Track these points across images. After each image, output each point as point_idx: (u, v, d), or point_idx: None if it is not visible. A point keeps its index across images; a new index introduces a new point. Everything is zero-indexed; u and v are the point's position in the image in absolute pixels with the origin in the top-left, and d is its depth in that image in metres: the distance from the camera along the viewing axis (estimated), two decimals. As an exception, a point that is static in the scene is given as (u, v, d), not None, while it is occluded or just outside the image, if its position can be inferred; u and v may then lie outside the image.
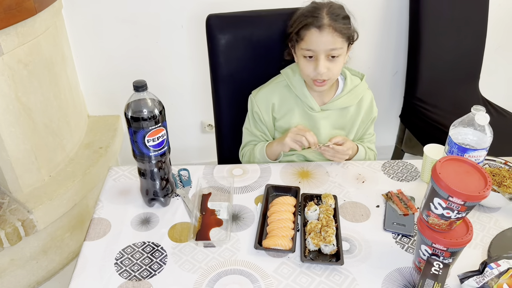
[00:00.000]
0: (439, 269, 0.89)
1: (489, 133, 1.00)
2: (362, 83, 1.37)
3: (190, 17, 1.95)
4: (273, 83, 1.38)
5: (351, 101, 1.36)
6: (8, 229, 1.59)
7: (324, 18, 1.21)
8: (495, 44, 2.23)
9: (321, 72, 1.23)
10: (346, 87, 1.35)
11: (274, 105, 1.36)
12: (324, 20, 1.20)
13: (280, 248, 1.00)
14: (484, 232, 1.08)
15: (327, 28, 1.20)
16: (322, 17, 1.21)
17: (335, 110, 1.35)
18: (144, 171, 1.08)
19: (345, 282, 0.95)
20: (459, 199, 0.83)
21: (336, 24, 1.20)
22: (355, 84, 1.36)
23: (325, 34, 1.20)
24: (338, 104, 1.34)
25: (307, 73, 1.27)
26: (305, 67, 1.26)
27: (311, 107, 1.34)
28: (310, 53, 1.23)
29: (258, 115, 1.38)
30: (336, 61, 1.24)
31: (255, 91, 1.39)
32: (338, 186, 1.22)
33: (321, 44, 1.21)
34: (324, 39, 1.20)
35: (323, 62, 1.22)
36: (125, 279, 0.95)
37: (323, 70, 1.22)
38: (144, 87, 0.98)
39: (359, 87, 1.36)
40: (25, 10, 1.45)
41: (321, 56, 1.22)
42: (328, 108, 1.35)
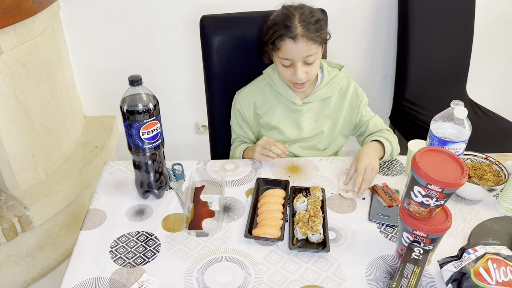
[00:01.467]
0: (419, 255, 0.93)
1: (467, 127, 1.05)
2: (341, 73, 1.42)
3: (185, 19, 2.00)
4: (255, 82, 1.44)
5: (331, 91, 1.40)
6: (5, 225, 1.62)
7: (297, 27, 1.24)
8: (482, 48, 2.29)
9: (300, 78, 1.29)
10: (324, 78, 1.40)
11: (256, 102, 1.42)
12: (297, 30, 1.24)
13: (269, 236, 1.05)
14: (465, 223, 1.13)
15: (300, 38, 1.24)
16: (294, 26, 1.24)
17: (317, 102, 1.40)
18: (139, 163, 1.13)
19: (330, 268, 0.99)
20: (437, 187, 0.87)
21: (309, 33, 1.24)
22: (333, 75, 1.41)
23: (299, 43, 1.24)
24: (319, 95, 1.39)
25: (286, 78, 1.33)
26: (283, 73, 1.32)
27: (293, 102, 1.39)
28: (287, 62, 1.29)
29: (240, 113, 1.44)
30: (312, 64, 1.30)
31: (239, 90, 1.46)
32: (327, 180, 1.26)
33: (297, 53, 1.26)
34: (298, 49, 1.25)
35: (301, 68, 1.28)
36: (119, 266, 0.99)
37: (301, 75, 1.28)
38: (139, 81, 1.03)
39: (338, 77, 1.41)
40: (24, 11, 1.49)
41: (298, 63, 1.27)
42: (309, 100, 1.40)
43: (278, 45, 1.27)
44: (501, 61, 2.39)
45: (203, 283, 0.95)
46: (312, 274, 0.98)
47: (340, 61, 2.18)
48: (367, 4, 2.09)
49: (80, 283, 0.95)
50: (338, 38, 2.10)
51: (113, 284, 0.95)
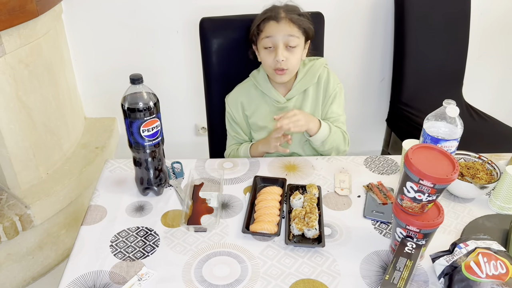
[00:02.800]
0: (412, 249, 0.96)
1: (459, 125, 1.08)
2: (318, 62, 1.46)
3: (185, 22, 2.04)
4: (241, 85, 1.50)
5: (310, 81, 1.44)
6: (6, 223, 1.64)
7: (280, 12, 1.35)
8: (477, 52, 2.32)
9: (280, 60, 1.33)
10: (300, 70, 1.45)
11: (243, 103, 1.47)
12: (281, 13, 1.35)
13: (266, 232, 1.07)
14: (458, 220, 1.15)
15: (283, 19, 1.34)
16: (279, 11, 1.35)
17: (299, 96, 1.45)
18: (139, 160, 1.15)
19: (326, 263, 1.01)
20: (429, 182, 0.90)
21: (292, 16, 1.34)
22: (310, 65, 1.46)
23: (282, 23, 1.33)
24: (299, 88, 1.44)
25: (268, 64, 1.37)
26: (266, 58, 1.37)
27: (277, 100, 1.44)
28: (269, 42, 1.35)
29: (230, 115, 1.50)
30: (294, 52, 1.35)
31: (228, 96, 1.51)
32: (323, 178, 1.29)
33: (279, 31, 1.33)
34: (281, 27, 1.33)
35: (282, 49, 1.34)
36: (119, 260, 1.02)
37: (282, 57, 1.33)
38: (140, 80, 1.06)
39: (315, 66, 1.45)
40: (27, 12, 1.53)
41: (279, 44, 1.33)
42: (291, 95, 1.45)
43: (262, 28, 1.36)
44: (496, 65, 2.42)
45: (201, 276, 0.98)
46: (307, 268, 1.00)
47: (337, 64, 2.22)
48: (363, 7, 2.12)
49: (81, 276, 0.98)
50: (334, 42, 2.14)
51: (113, 277, 0.98)
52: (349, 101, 2.37)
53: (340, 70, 2.24)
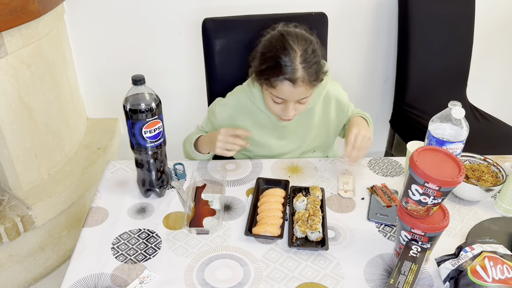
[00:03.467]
0: (417, 252, 0.95)
1: (465, 127, 1.07)
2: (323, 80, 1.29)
3: (188, 22, 2.03)
4: (235, 96, 1.36)
5: (315, 100, 1.33)
6: (8, 224, 1.64)
7: (297, 70, 1.13)
8: (482, 53, 2.31)
9: (290, 116, 1.22)
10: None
11: (236, 123, 1.34)
12: (298, 73, 1.13)
13: (268, 234, 1.06)
14: (463, 223, 1.14)
15: (300, 83, 1.14)
16: (296, 68, 1.13)
17: (303, 114, 1.32)
18: (141, 161, 1.14)
19: (329, 266, 1.00)
20: (434, 185, 0.89)
21: (310, 78, 1.15)
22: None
23: (298, 87, 1.15)
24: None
25: (274, 111, 1.25)
26: (272, 106, 1.24)
27: (277, 119, 1.32)
28: (279, 100, 1.20)
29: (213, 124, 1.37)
30: (305, 103, 1.23)
31: (219, 100, 1.38)
32: (326, 180, 1.28)
33: (294, 96, 1.18)
34: (296, 92, 1.16)
35: (292, 107, 1.20)
36: (121, 262, 1.01)
37: (292, 114, 1.22)
38: (142, 81, 1.05)
39: (321, 85, 1.28)
40: (29, 13, 1.52)
41: (291, 104, 1.20)
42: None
43: (273, 84, 1.16)
44: (501, 66, 2.41)
45: (203, 279, 0.97)
46: (311, 271, 0.99)
47: (340, 65, 2.22)
48: (367, 8, 2.11)
49: (82, 279, 0.97)
50: (338, 42, 2.13)
51: (114, 280, 0.97)
52: (352, 102, 2.36)
53: (343, 71, 2.25)
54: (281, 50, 1.14)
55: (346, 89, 2.30)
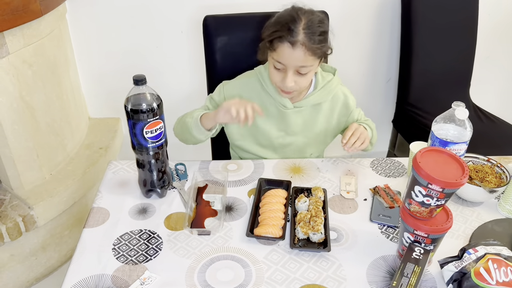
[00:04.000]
0: (420, 254, 0.94)
1: (469, 128, 1.06)
2: (334, 78, 1.38)
3: (190, 22, 2.02)
4: (244, 78, 1.39)
5: (324, 97, 1.36)
6: (9, 224, 1.63)
7: (299, 33, 1.17)
8: (485, 53, 2.29)
9: (288, 86, 1.24)
10: (318, 83, 1.36)
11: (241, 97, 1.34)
12: (299, 36, 1.17)
13: (270, 236, 1.05)
14: (466, 224, 1.13)
15: (300, 46, 1.17)
16: (297, 32, 1.17)
17: (308, 106, 1.36)
18: (142, 162, 1.14)
19: (331, 268, 1.00)
20: (437, 186, 0.88)
21: (310, 44, 1.18)
22: (328, 80, 1.37)
23: (297, 51, 1.18)
24: (311, 100, 1.35)
25: (274, 81, 1.28)
26: (273, 75, 1.27)
27: (284, 105, 1.34)
28: (280, 65, 1.23)
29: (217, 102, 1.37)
30: (305, 76, 1.24)
31: (225, 81, 1.39)
32: (328, 181, 1.27)
33: (292, 60, 1.20)
34: (295, 56, 1.19)
35: (291, 76, 1.23)
36: (122, 263, 1.00)
37: (290, 84, 1.23)
38: (144, 81, 1.04)
39: (332, 83, 1.37)
40: (31, 12, 1.51)
41: (290, 70, 1.22)
42: (301, 105, 1.35)
43: (275, 46, 1.21)
44: (504, 66, 2.39)
45: (204, 280, 0.96)
46: (313, 273, 0.98)
47: (342, 64, 2.20)
48: (369, 7, 2.10)
49: (83, 280, 0.96)
50: (340, 42, 2.11)
51: (115, 281, 0.96)
52: (355, 102, 2.36)
53: (345, 70, 2.23)
54: (288, 17, 1.20)
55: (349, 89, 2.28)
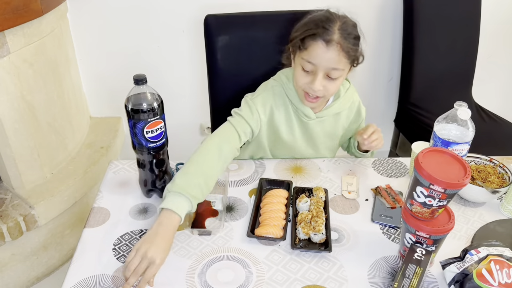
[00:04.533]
0: (421, 255, 0.93)
1: (471, 128, 1.05)
2: (352, 86, 1.35)
3: (191, 21, 2.02)
4: (272, 89, 1.29)
5: (344, 105, 1.33)
6: (10, 223, 1.63)
7: (334, 33, 1.12)
8: (487, 53, 2.28)
9: (316, 89, 1.17)
10: (340, 92, 1.32)
11: (272, 108, 1.29)
12: (335, 35, 1.12)
13: (271, 236, 1.05)
14: (468, 225, 1.12)
15: (335, 45, 1.12)
16: (333, 31, 1.12)
17: (329, 116, 1.32)
18: (143, 162, 1.13)
19: (332, 268, 0.99)
20: (439, 187, 0.87)
21: (345, 43, 1.13)
22: (346, 88, 1.34)
23: (331, 50, 1.12)
24: (333, 110, 1.31)
25: (300, 84, 1.21)
26: (300, 77, 1.20)
27: (307, 115, 1.29)
28: (310, 67, 1.16)
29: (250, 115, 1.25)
30: (334, 81, 1.18)
31: (250, 94, 1.31)
32: (330, 181, 1.26)
33: (324, 60, 1.14)
34: (328, 56, 1.13)
35: (320, 79, 1.16)
36: (122, 263, 1.00)
37: (319, 87, 1.17)
38: (144, 80, 1.04)
39: (350, 90, 1.34)
40: (32, 11, 1.51)
41: (320, 72, 1.15)
42: (323, 115, 1.30)
43: (306, 44, 1.15)
44: (507, 65, 2.38)
45: (205, 281, 0.96)
46: (314, 274, 0.98)
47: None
48: (371, 6, 2.09)
49: (83, 280, 0.96)
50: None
51: (115, 281, 0.96)
52: (357, 102, 2.35)
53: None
54: (323, 17, 1.16)
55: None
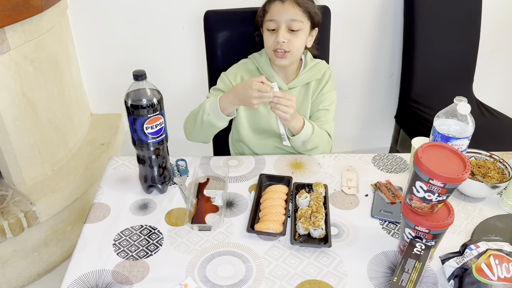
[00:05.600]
0: (421, 250, 0.93)
1: (471, 123, 1.05)
2: (322, 62, 1.45)
3: (192, 17, 2.01)
4: (242, 64, 1.45)
5: (313, 76, 1.42)
6: (12, 220, 1.64)
7: None
8: (488, 48, 2.28)
9: (280, 41, 1.29)
10: (308, 63, 1.42)
11: (242, 77, 1.41)
12: None
13: (271, 231, 1.05)
14: (468, 220, 1.12)
15: (288, 0, 1.30)
16: None
17: (300, 86, 1.42)
18: (143, 157, 1.14)
19: (332, 263, 0.99)
20: (439, 182, 0.87)
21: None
22: (317, 62, 1.44)
23: (287, 5, 1.30)
24: (302, 79, 1.41)
25: (269, 45, 1.33)
26: (268, 39, 1.33)
27: (279, 86, 1.34)
28: (273, 25, 1.31)
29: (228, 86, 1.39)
30: (296, 35, 1.31)
31: (229, 70, 1.44)
32: (330, 176, 1.27)
33: (282, 14, 1.29)
34: (285, 9, 1.29)
35: (283, 31, 1.30)
36: (122, 259, 1.00)
37: (282, 39, 1.29)
38: (143, 76, 1.04)
39: (320, 64, 1.44)
40: (31, 8, 1.51)
41: (282, 26, 1.30)
42: (294, 85, 1.41)
43: (267, 8, 1.33)
44: (508, 61, 2.38)
45: (205, 276, 0.96)
46: (313, 269, 0.98)
47: (344, 60, 2.20)
48: (372, 2, 2.09)
49: (84, 275, 0.96)
50: (342, 37, 2.11)
51: (115, 276, 0.96)
52: (357, 98, 2.35)
53: (347, 66, 2.23)
54: None
55: (351, 84, 2.28)
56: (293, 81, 1.41)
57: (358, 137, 2.47)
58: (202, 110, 1.27)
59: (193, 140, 1.37)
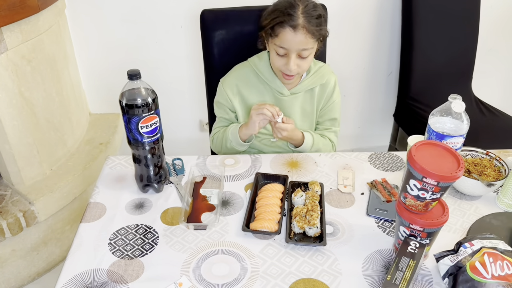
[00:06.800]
0: (415, 248, 0.93)
1: (465, 121, 1.05)
2: (326, 65, 1.45)
3: (189, 17, 2.01)
4: (239, 70, 1.44)
5: (317, 82, 1.41)
6: (10, 219, 1.64)
7: (299, 17, 1.25)
8: (487, 46, 2.27)
9: (291, 69, 1.29)
10: (311, 69, 1.41)
11: (239, 88, 1.41)
12: (299, 20, 1.24)
13: (266, 230, 1.05)
14: (464, 218, 1.12)
15: (301, 29, 1.25)
16: (297, 16, 1.25)
17: (303, 92, 1.42)
18: (138, 157, 1.14)
19: (327, 262, 0.99)
20: (432, 180, 0.87)
21: (310, 26, 1.25)
22: (320, 66, 1.43)
23: (299, 34, 1.25)
24: (305, 85, 1.40)
25: (277, 66, 1.33)
26: (276, 61, 1.32)
27: (281, 92, 1.39)
28: (282, 51, 1.29)
29: (224, 98, 1.42)
30: (306, 59, 1.31)
31: (222, 78, 1.45)
32: (326, 175, 1.26)
33: (294, 44, 1.26)
34: (297, 39, 1.25)
35: (294, 60, 1.28)
36: (118, 258, 1.00)
37: (293, 67, 1.29)
38: (138, 75, 1.04)
39: (324, 68, 1.43)
40: (28, 8, 1.51)
41: (292, 54, 1.28)
42: (297, 91, 1.41)
43: (276, 32, 1.28)
44: (506, 59, 2.37)
45: (199, 275, 0.96)
46: (308, 267, 0.98)
47: (343, 58, 2.20)
48: (370, 0, 2.08)
49: (79, 274, 0.96)
50: (340, 35, 2.10)
51: (110, 275, 0.96)
52: (356, 96, 2.35)
53: (346, 64, 2.23)
54: (286, 4, 1.28)
55: (349, 83, 2.28)
56: (296, 86, 1.40)
57: (357, 136, 2.47)
58: (225, 139, 1.41)
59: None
